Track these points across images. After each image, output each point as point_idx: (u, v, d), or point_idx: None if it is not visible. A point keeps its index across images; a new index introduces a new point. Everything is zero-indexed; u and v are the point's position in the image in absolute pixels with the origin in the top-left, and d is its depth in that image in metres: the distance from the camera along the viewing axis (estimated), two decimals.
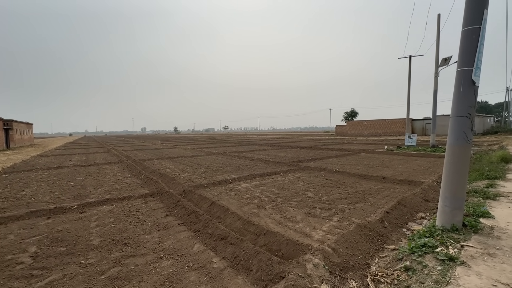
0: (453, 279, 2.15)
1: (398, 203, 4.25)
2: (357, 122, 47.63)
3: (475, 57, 2.94)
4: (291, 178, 7.24)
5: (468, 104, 3.01)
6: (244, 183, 6.71)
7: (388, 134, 39.89)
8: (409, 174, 7.44)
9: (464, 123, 3.02)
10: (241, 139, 38.76)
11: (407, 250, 2.70)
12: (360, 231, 3.23)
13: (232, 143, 27.16)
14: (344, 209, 4.41)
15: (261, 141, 30.57)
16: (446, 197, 3.16)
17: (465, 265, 2.36)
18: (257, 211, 4.41)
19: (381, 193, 5.43)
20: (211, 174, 8.08)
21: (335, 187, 6.00)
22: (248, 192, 5.69)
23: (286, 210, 4.42)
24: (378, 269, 2.56)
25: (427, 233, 2.98)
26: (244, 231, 3.54)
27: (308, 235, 3.38)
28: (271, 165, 9.77)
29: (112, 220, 4.16)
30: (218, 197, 5.29)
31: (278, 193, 5.57)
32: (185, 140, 39.34)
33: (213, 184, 6.56)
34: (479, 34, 2.93)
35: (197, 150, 17.68)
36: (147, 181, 7.19)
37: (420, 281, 2.18)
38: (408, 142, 16.13)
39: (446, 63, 14.09)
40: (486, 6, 2.93)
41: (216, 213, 4.32)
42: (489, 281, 2.11)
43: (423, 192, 5.10)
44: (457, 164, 3.10)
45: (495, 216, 3.57)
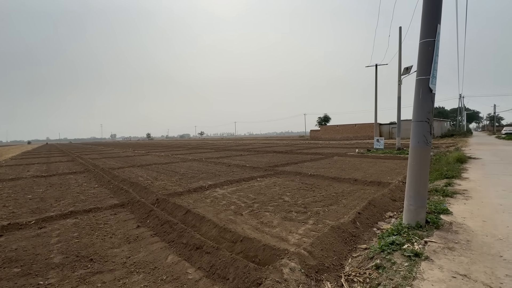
0: (419, 273, 2.29)
1: (368, 204, 4.45)
2: (330, 127, 49.56)
3: (431, 67, 3.22)
4: (268, 183, 7.28)
5: (427, 109, 3.27)
6: (221, 189, 6.61)
7: (358, 138, 41.96)
8: (378, 175, 7.86)
9: (424, 127, 3.27)
10: (217, 144, 38.34)
11: (378, 248, 2.83)
12: (334, 232, 3.32)
13: (208, 149, 26.75)
14: (319, 211, 4.52)
15: (238, 146, 30.49)
16: (410, 196, 3.37)
17: (429, 259, 2.52)
18: (234, 217, 4.35)
19: (353, 194, 5.66)
20: (186, 181, 7.86)
21: (310, 191, 6.14)
22: (225, 199, 5.61)
23: (263, 215, 4.43)
24: (352, 268, 2.65)
25: (395, 231, 3.15)
26: (221, 238, 3.47)
27: (284, 239, 3.40)
28: (248, 171, 9.76)
29: (76, 235, 3.84)
30: (194, 205, 5.15)
31: (255, 198, 5.56)
32: (159, 146, 37.97)
33: (188, 191, 6.38)
34: (434, 46, 3.21)
35: (171, 157, 17.13)
36: (117, 191, 6.79)
37: (389, 278, 2.28)
38: (376, 145, 17.08)
39: (408, 71, 15.25)
40: (439, 21, 3.23)
41: (191, 221, 4.19)
42: (449, 273, 2.28)
43: (391, 192, 5.41)
44: (419, 165, 3.34)
45: (453, 212, 3.89)
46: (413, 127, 3.38)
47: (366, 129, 42.06)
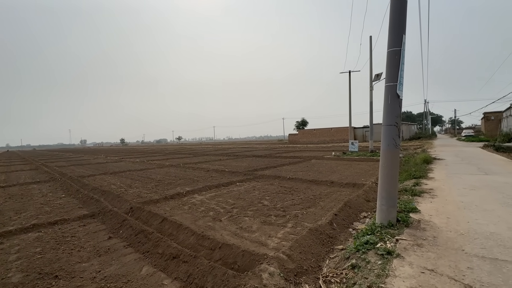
0: (391, 271, 2.40)
1: (344, 205, 4.60)
2: (307, 130, 50.80)
3: (398, 74, 3.43)
4: (247, 187, 7.26)
5: (395, 114, 3.47)
6: (199, 195, 6.47)
7: (335, 141, 43.43)
8: (353, 177, 8.17)
9: (393, 131, 3.47)
10: (196, 149, 37.62)
11: (353, 248, 2.92)
12: (312, 235, 3.38)
13: (186, 154, 26.14)
14: (297, 214, 4.58)
15: (217, 151, 30.16)
16: (382, 196, 3.54)
17: (400, 257, 2.65)
18: (213, 224, 4.27)
19: (330, 196, 5.82)
20: (163, 188, 7.59)
21: (289, 194, 6.21)
22: (203, 205, 5.50)
23: (242, 220, 4.39)
24: (329, 269, 2.70)
25: (369, 231, 3.28)
26: (199, 246, 3.38)
27: (264, 244, 3.39)
28: (227, 175, 9.67)
29: (39, 250, 3.54)
30: (171, 213, 4.98)
31: (234, 203, 5.51)
32: (134, 152, 36.42)
33: (165, 198, 6.16)
34: (400, 55, 3.43)
35: (147, 163, 16.50)
36: (86, 201, 6.38)
37: (364, 276, 2.36)
38: (351, 148, 17.78)
39: (378, 78, 16.14)
40: (404, 32, 3.47)
41: (168, 230, 4.04)
42: (418, 269, 2.41)
43: (365, 193, 5.63)
44: (390, 167, 3.52)
45: (421, 211, 4.13)
46: (383, 131, 3.57)
47: (341, 133, 43.68)
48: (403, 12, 3.44)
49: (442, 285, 2.14)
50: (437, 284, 2.16)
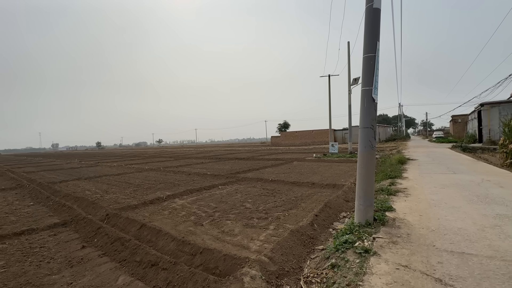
0: (368, 269, 2.48)
1: (325, 206, 4.70)
2: (289, 133, 51.53)
3: (373, 79, 3.59)
4: (229, 190, 7.21)
5: (371, 117, 3.62)
6: (180, 199, 6.33)
7: (316, 143, 44.40)
8: (333, 178, 8.38)
9: (369, 133, 3.61)
10: (177, 152, 36.80)
11: (333, 248, 2.99)
12: (294, 236, 3.42)
13: (167, 157, 25.48)
14: (279, 216, 4.62)
15: (199, 154, 29.70)
16: (360, 196, 3.66)
17: (377, 254, 2.75)
18: (194, 228, 4.19)
19: (311, 197, 5.92)
20: (142, 193, 7.34)
21: (271, 196, 6.25)
22: (184, 209, 5.38)
23: (224, 224, 4.35)
24: (310, 270, 2.75)
25: (348, 230, 3.37)
26: (179, 252, 3.30)
27: (246, 247, 3.38)
28: (209, 179, 9.54)
29: (2, 263, 3.27)
30: (150, 218, 4.82)
31: (216, 207, 5.44)
32: (111, 156, 34.90)
33: (144, 204, 5.95)
34: (375, 61, 3.60)
35: (125, 167, 15.87)
36: (58, 208, 6.01)
37: (343, 275, 2.42)
38: (331, 150, 18.26)
39: (356, 82, 16.77)
40: (378, 39, 3.63)
41: (146, 236, 3.91)
42: (394, 266, 2.51)
43: (344, 194, 5.80)
44: (367, 168, 3.66)
45: (396, 209, 4.33)
46: (360, 133, 3.70)
47: (322, 135, 44.77)
48: (377, 21, 3.61)
49: (414, 280, 2.25)
50: (410, 279, 2.27)
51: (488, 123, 20.37)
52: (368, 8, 3.66)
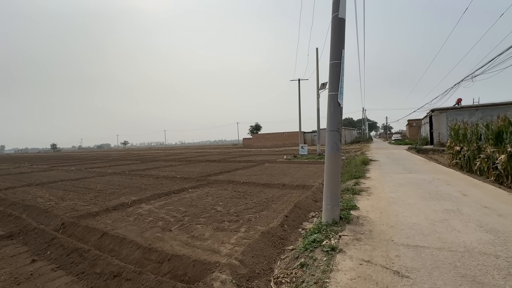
0: (335, 266, 2.59)
1: (294, 207, 4.82)
2: (261, 135, 52.08)
3: (339, 85, 3.78)
4: (200, 193, 7.05)
5: (337, 121, 3.81)
6: (147, 204, 6.02)
7: (287, 145, 45.45)
8: (303, 179, 8.64)
9: (335, 136, 3.79)
10: (144, 155, 35.02)
11: (302, 248, 3.07)
12: (264, 238, 3.45)
13: (133, 160, 24.13)
14: (250, 218, 4.62)
15: (168, 156, 28.62)
16: (327, 196, 3.82)
17: (342, 252, 2.89)
18: (162, 234, 4.02)
19: (281, 199, 6.04)
20: (104, 198, 6.84)
21: (242, 198, 6.24)
22: (152, 215, 5.13)
23: (194, 228, 4.23)
24: (280, 271, 2.79)
25: (316, 230, 3.50)
26: (145, 260, 3.13)
27: (216, 251, 3.33)
28: (179, 182, 9.24)
29: None
30: (113, 226, 4.51)
31: (185, 211, 5.28)
32: (68, 159, 32.02)
33: (106, 210, 5.56)
34: (340, 67, 3.80)
35: (85, 171, 14.68)
36: (2, 219, 5.34)
37: (312, 274, 2.50)
38: (301, 151, 18.83)
39: (324, 87, 17.53)
40: (343, 47, 3.84)
41: (108, 245, 3.64)
42: (357, 261, 2.66)
43: (313, 194, 6.01)
44: (333, 169, 3.83)
45: (360, 208, 4.59)
46: (327, 136, 3.87)
47: (292, 137, 45.99)
48: (342, 30, 3.82)
49: (376, 274, 2.41)
50: (372, 273, 2.42)
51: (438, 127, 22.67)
52: (334, 17, 3.86)
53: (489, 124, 7.69)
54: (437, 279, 2.25)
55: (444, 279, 2.24)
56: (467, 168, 8.88)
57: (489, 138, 7.43)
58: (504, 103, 20.05)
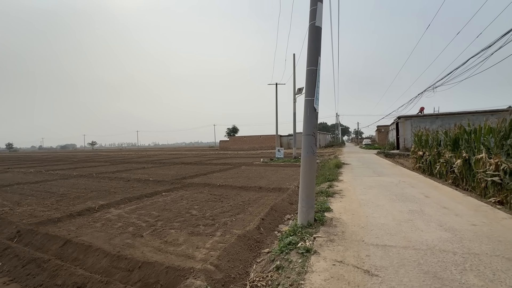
0: (309, 267, 2.65)
1: (270, 209, 4.86)
2: (238, 137, 51.97)
3: (315, 90, 3.90)
4: (174, 197, 6.83)
5: (313, 125, 3.92)
6: (116, 209, 5.69)
7: (263, 148, 45.80)
8: (279, 182, 8.75)
9: (311, 140, 3.90)
10: (114, 156, 33.19)
11: (278, 250, 3.09)
12: (241, 241, 3.42)
13: (101, 162, 22.75)
14: (226, 222, 4.57)
15: (140, 158, 27.40)
16: (303, 199, 3.90)
17: (317, 253, 2.96)
18: (132, 240, 3.81)
19: (258, 202, 6.05)
20: (68, 203, 6.35)
21: (218, 201, 6.15)
22: (121, 220, 4.86)
23: (167, 233, 4.08)
24: (256, 274, 2.78)
25: (292, 232, 3.55)
26: (113, 269, 2.95)
27: (191, 256, 3.23)
28: (151, 185, 8.87)
29: None
30: (77, 233, 4.19)
31: (158, 215, 5.07)
32: (27, 160, 29.28)
33: (70, 216, 5.16)
34: (316, 73, 3.92)
35: (46, 174, 13.52)
36: None
37: (287, 276, 2.53)
38: (277, 154, 19.09)
39: (300, 92, 18.00)
40: (319, 54, 3.98)
41: (72, 254, 3.38)
42: (331, 262, 2.74)
43: (289, 197, 6.11)
44: (309, 172, 3.93)
45: (333, 210, 4.75)
46: (303, 140, 3.97)
47: (269, 140, 46.48)
48: (318, 38, 3.96)
49: (348, 273, 2.49)
50: (344, 273, 2.50)
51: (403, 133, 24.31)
52: (311, 25, 3.99)
53: (448, 131, 8.41)
54: (403, 277, 2.39)
55: (409, 276, 2.38)
56: (428, 172, 9.61)
57: (447, 144, 8.12)
58: (460, 112, 22.10)
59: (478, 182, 5.85)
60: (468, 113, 21.48)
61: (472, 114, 20.89)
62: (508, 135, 5.15)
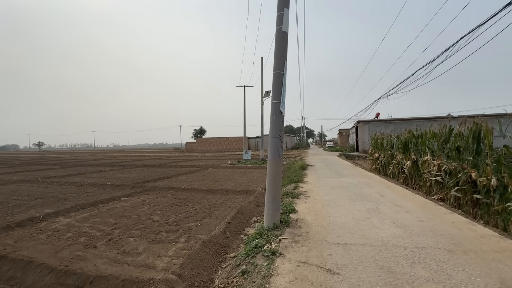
0: (275, 270, 2.66)
1: (237, 212, 4.81)
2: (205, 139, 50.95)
3: (281, 94, 3.98)
4: (135, 202, 6.39)
5: (279, 128, 3.98)
6: (66, 218, 5.13)
7: (231, 150, 45.53)
8: (246, 184, 8.74)
9: (277, 143, 3.96)
10: (65, 159, 30.09)
11: (244, 254, 3.06)
12: (206, 247, 3.31)
13: (49, 165, 20.44)
14: (191, 227, 4.40)
15: (97, 160, 25.26)
16: (269, 201, 3.93)
17: (282, 255, 2.99)
18: (84, 252, 3.45)
19: (225, 205, 5.95)
20: (5, 213, 5.55)
21: (183, 206, 5.91)
22: (71, 230, 4.39)
23: (125, 242, 3.78)
24: (221, 280, 2.71)
25: (258, 235, 3.54)
26: (59, 286, 2.63)
27: (151, 266, 3.03)
28: (109, 190, 8.20)
29: None
30: (16, 247, 3.66)
31: (115, 223, 4.69)
32: None
33: (7, 228, 4.50)
34: (283, 78, 4.00)
35: None
36: None
37: (252, 280, 2.50)
38: (245, 156, 19.12)
39: (268, 95, 18.30)
40: (285, 59, 4.07)
41: (7, 272, 2.94)
42: (295, 263, 2.79)
43: (256, 199, 6.12)
44: (275, 174, 3.98)
45: (298, 211, 4.87)
46: (270, 142, 4.01)
47: (237, 142, 46.38)
48: (285, 42, 4.05)
49: (311, 274, 2.56)
50: (308, 273, 2.56)
51: (362, 136, 26.17)
52: (278, 30, 4.07)
53: (400, 135, 9.25)
54: (361, 273, 2.52)
55: (367, 272, 2.53)
56: (383, 172, 10.45)
57: (399, 147, 8.93)
58: (410, 118, 24.52)
59: (424, 182, 6.51)
60: (416, 119, 23.96)
61: (419, 120, 23.33)
62: (448, 139, 5.83)
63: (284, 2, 4.05)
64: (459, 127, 5.36)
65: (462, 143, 5.17)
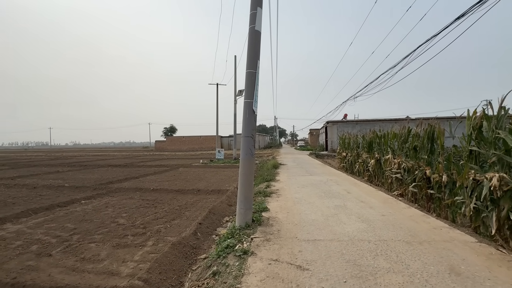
0: (246, 269, 2.65)
1: (209, 213, 4.72)
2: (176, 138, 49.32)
3: (254, 93, 3.98)
4: (97, 205, 5.95)
5: (251, 127, 3.98)
6: (15, 224, 4.61)
7: (203, 149, 44.66)
8: (219, 184, 8.63)
9: (250, 142, 3.95)
10: (16, 158, 27.06)
11: (215, 255, 3.00)
12: (175, 249, 3.20)
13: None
14: (160, 229, 4.22)
15: (54, 160, 23.12)
16: (241, 201, 3.91)
17: (254, 254, 2.99)
18: (36, 262, 3.12)
19: (196, 205, 5.81)
20: None
21: (152, 207, 5.65)
22: (21, 237, 3.95)
23: (85, 248, 3.50)
24: (191, 283, 2.63)
25: (230, 235, 3.50)
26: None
27: (115, 273, 2.84)
28: (67, 192, 7.54)
29: None
30: None
31: (74, 228, 4.33)
32: None
33: None
34: (255, 77, 4.00)
35: None
36: None
37: (224, 281, 2.47)
38: (218, 156, 18.88)
39: (241, 94, 18.25)
40: (258, 58, 4.07)
41: None
42: (267, 262, 2.81)
43: (228, 199, 6.07)
44: (247, 173, 3.97)
45: (270, 209, 4.93)
46: (242, 141, 3.99)
47: (210, 141, 45.64)
48: (258, 41, 4.06)
49: (282, 271, 2.60)
50: (279, 271, 2.60)
51: (331, 136, 27.37)
52: (251, 29, 4.05)
53: (365, 135, 9.82)
54: (329, 268, 2.62)
55: (335, 267, 2.63)
56: (350, 170, 11.02)
57: (364, 147, 9.48)
58: (374, 120, 26.21)
59: (386, 179, 6.99)
60: (380, 120, 25.69)
61: (383, 121, 25.05)
62: (406, 139, 6.31)
63: (257, 1, 4.05)
64: (416, 129, 5.83)
65: (418, 143, 5.64)
